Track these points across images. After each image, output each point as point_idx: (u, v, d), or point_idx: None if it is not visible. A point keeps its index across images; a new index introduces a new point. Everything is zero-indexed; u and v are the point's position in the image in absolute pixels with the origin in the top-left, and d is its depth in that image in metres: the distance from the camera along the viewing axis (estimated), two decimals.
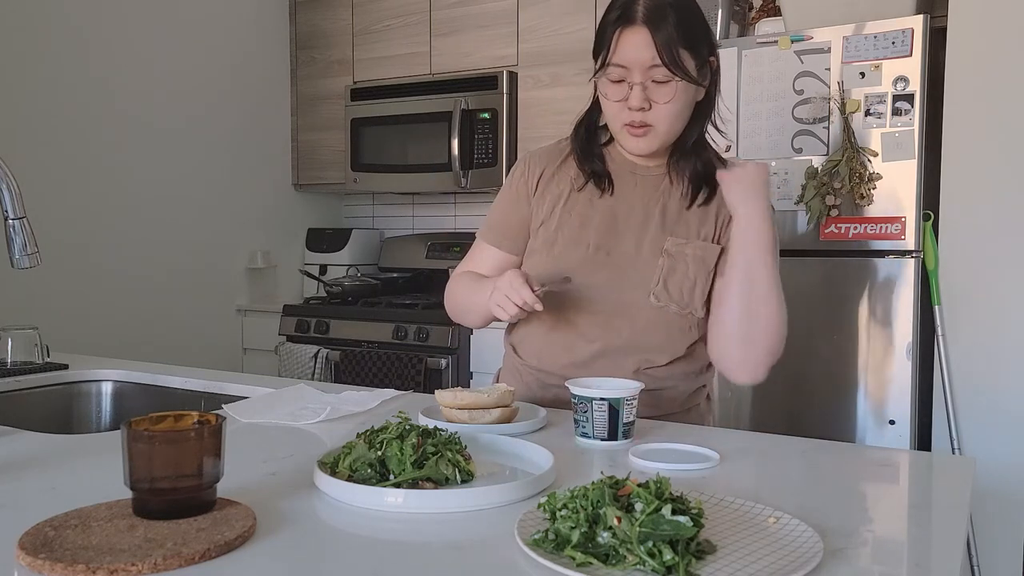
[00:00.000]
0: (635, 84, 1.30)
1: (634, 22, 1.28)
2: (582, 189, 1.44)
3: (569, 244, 1.42)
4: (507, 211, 1.51)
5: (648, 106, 1.31)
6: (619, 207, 1.42)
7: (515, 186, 1.50)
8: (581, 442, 1.16)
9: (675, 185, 1.42)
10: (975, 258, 2.28)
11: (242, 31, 3.62)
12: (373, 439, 0.96)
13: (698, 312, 1.39)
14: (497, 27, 3.27)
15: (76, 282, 2.98)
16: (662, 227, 1.40)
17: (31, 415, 1.62)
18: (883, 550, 0.81)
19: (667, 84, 1.30)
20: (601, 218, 1.42)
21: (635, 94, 1.30)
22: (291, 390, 1.49)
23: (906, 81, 2.29)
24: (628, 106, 1.32)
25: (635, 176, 1.44)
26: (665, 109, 1.31)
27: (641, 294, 1.39)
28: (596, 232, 1.41)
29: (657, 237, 1.40)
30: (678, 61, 1.28)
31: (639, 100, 1.30)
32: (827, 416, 2.42)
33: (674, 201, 1.42)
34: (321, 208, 4.05)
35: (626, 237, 1.41)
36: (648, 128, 1.33)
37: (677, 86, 1.30)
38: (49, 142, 2.91)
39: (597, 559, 0.72)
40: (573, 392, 1.17)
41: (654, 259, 1.39)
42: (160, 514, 0.80)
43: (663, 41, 1.27)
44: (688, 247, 1.39)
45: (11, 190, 1.35)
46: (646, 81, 1.30)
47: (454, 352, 2.96)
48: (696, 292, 1.38)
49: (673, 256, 1.39)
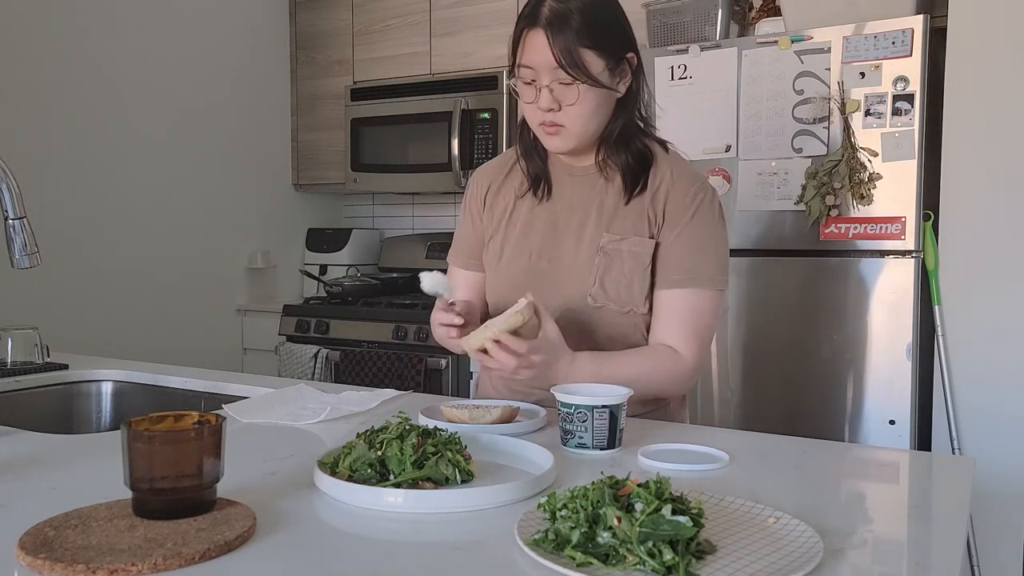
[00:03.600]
0: (542, 87, 1.30)
1: (536, 24, 1.29)
2: (524, 196, 1.45)
3: (513, 255, 1.43)
4: (466, 232, 1.54)
5: (557, 107, 1.31)
6: (559, 211, 1.43)
7: (467, 206, 1.53)
8: (579, 453, 1.12)
9: (610, 181, 1.41)
10: (975, 258, 2.28)
11: (242, 31, 3.62)
12: (373, 439, 0.97)
13: (640, 308, 1.38)
14: (497, 27, 3.27)
15: (76, 282, 2.98)
16: (598, 225, 1.40)
17: (31, 415, 1.62)
18: (883, 550, 0.81)
19: (571, 86, 1.29)
20: (542, 224, 1.43)
21: (543, 96, 1.31)
22: (291, 390, 1.49)
23: (906, 81, 2.29)
24: (538, 107, 1.32)
25: (572, 178, 1.44)
26: (573, 111, 1.31)
27: (580, 296, 1.38)
28: (538, 239, 1.42)
29: (595, 236, 1.39)
30: (579, 63, 1.27)
31: (547, 102, 1.30)
32: (827, 416, 2.42)
33: (610, 197, 1.41)
34: (321, 208, 4.05)
35: (565, 240, 1.41)
36: (560, 128, 1.33)
37: (580, 88, 1.29)
38: (49, 142, 2.91)
39: (597, 559, 0.72)
40: (570, 403, 1.12)
41: (592, 259, 1.38)
42: (160, 514, 0.80)
43: (562, 44, 1.27)
44: (624, 243, 1.37)
45: (11, 190, 1.35)
46: (552, 83, 1.30)
47: (454, 352, 2.95)
48: (634, 289, 1.37)
49: (609, 254, 1.37)
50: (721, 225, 1.40)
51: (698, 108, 2.56)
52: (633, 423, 1.26)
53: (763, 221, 2.47)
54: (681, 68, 2.57)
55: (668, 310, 1.37)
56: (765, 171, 2.48)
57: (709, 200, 1.39)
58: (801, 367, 2.45)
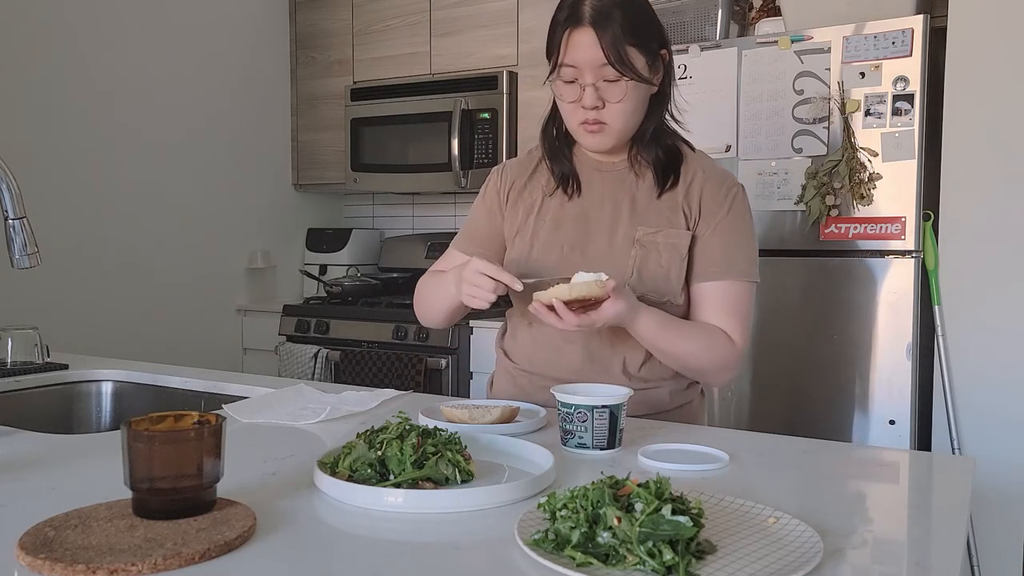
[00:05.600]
0: (587, 85, 1.31)
1: (581, 23, 1.29)
2: (553, 194, 1.46)
3: (544, 248, 1.44)
4: (479, 221, 1.54)
5: (601, 105, 1.33)
6: (589, 206, 1.44)
7: (488, 197, 1.53)
8: (579, 453, 1.12)
9: (640, 177, 1.43)
10: (975, 258, 2.28)
11: (242, 31, 3.62)
12: (373, 439, 0.97)
13: (677, 299, 1.39)
14: (497, 27, 3.27)
15: (76, 282, 2.98)
16: (632, 219, 1.41)
17: (31, 415, 1.62)
18: (883, 550, 0.81)
19: (617, 83, 1.31)
20: (573, 219, 1.44)
21: (587, 94, 1.32)
22: (291, 390, 1.49)
23: (906, 81, 2.29)
24: (582, 105, 1.33)
25: (601, 173, 1.45)
26: (618, 108, 1.33)
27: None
28: (569, 233, 1.43)
29: (628, 230, 1.41)
30: (626, 60, 1.29)
31: (592, 100, 1.32)
32: (827, 416, 2.42)
33: (642, 192, 1.43)
34: (321, 208, 4.05)
35: (598, 234, 1.42)
36: (603, 125, 1.35)
37: (627, 85, 1.31)
38: (49, 142, 2.91)
39: (597, 559, 0.72)
40: (570, 403, 1.12)
41: (627, 251, 1.39)
42: (160, 514, 0.80)
43: (610, 41, 1.28)
44: (659, 235, 1.39)
45: (11, 190, 1.35)
46: (597, 81, 1.31)
47: (454, 352, 2.96)
48: (672, 279, 1.38)
49: (645, 246, 1.39)
50: (752, 220, 1.45)
51: (698, 108, 2.56)
52: (633, 423, 1.27)
53: (763, 221, 2.47)
54: (681, 68, 2.57)
55: (712, 300, 1.40)
56: (765, 171, 2.48)
57: (742, 196, 1.44)
58: (801, 367, 2.45)
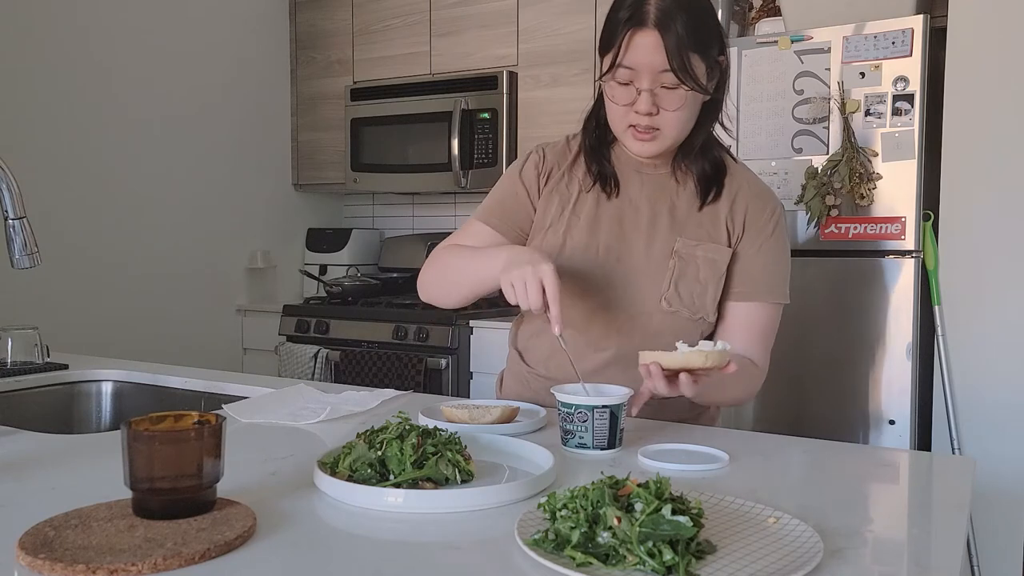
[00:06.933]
0: (643, 90, 1.25)
1: (645, 24, 1.22)
2: (589, 191, 1.41)
3: (578, 248, 1.38)
4: (508, 194, 1.45)
5: (656, 111, 1.26)
6: (626, 208, 1.39)
7: (526, 175, 1.44)
8: (579, 453, 1.12)
9: (681, 184, 1.39)
10: (975, 258, 2.28)
11: (242, 31, 3.62)
12: (373, 439, 0.96)
13: (709, 317, 1.36)
14: (497, 27, 3.27)
15: (76, 282, 2.98)
16: (671, 227, 1.37)
17: (31, 415, 1.61)
18: (883, 550, 0.81)
19: (676, 90, 1.25)
20: (609, 221, 1.39)
21: (643, 100, 1.25)
22: (291, 390, 1.49)
23: (906, 81, 2.29)
24: (635, 110, 1.27)
25: (640, 175, 1.40)
26: (673, 116, 1.27)
27: (652, 299, 1.35)
28: (605, 236, 1.38)
29: (667, 238, 1.36)
30: (688, 68, 1.22)
31: (647, 106, 1.25)
32: (827, 416, 2.42)
33: (683, 200, 1.38)
34: (321, 208, 4.05)
35: (635, 239, 1.37)
36: (656, 132, 1.29)
37: (686, 93, 1.25)
38: (49, 142, 2.91)
39: (597, 559, 0.72)
40: (570, 403, 1.12)
41: (664, 261, 1.35)
42: (160, 514, 0.80)
43: (674, 46, 1.21)
44: (699, 248, 1.35)
45: (11, 190, 1.35)
46: (655, 86, 1.25)
47: (454, 352, 2.96)
48: (707, 297, 1.35)
49: (683, 258, 1.35)
50: (788, 241, 1.43)
51: None
52: (633, 423, 1.26)
53: None
54: None
55: (742, 323, 1.37)
56: (765, 171, 2.48)
57: (783, 216, 1.41)
58: (801, 367, 2.45)
